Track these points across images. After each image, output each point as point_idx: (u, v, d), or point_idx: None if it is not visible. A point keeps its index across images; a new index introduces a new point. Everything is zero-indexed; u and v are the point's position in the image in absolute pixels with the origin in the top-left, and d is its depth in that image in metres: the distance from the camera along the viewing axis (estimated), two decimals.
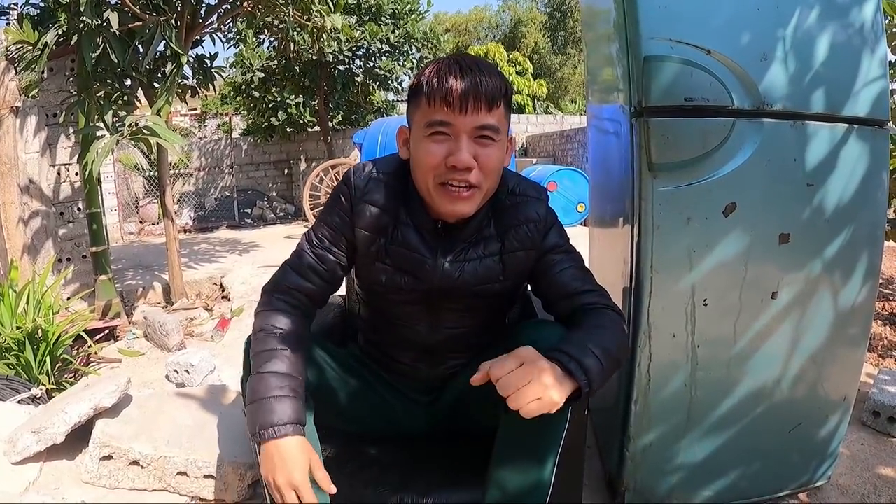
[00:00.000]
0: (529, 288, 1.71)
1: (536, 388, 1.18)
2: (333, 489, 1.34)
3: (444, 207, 1.43)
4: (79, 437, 2.37)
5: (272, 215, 12.97)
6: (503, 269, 1.55)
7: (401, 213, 1.53)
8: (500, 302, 1.67)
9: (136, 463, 2.23)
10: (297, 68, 11.73)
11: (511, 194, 1.55)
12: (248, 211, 13.04)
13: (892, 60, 3.41)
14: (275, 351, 1.43)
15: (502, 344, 1.40)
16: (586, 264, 1.60)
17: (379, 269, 1.56)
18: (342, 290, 1.92)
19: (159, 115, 4.45)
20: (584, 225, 9.68)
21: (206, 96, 6.42)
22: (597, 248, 2.49)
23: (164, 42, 4.39)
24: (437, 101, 1.35)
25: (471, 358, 1.67)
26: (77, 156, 4.65)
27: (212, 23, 5.39)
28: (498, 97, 1.38)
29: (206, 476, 2.19)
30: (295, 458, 1.32)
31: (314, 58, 11.03)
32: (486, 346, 1.64)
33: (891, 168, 3.20)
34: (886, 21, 3.41)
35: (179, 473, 2.21)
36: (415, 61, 12.38)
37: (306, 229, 1.64)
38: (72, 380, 3.43)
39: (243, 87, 12.13)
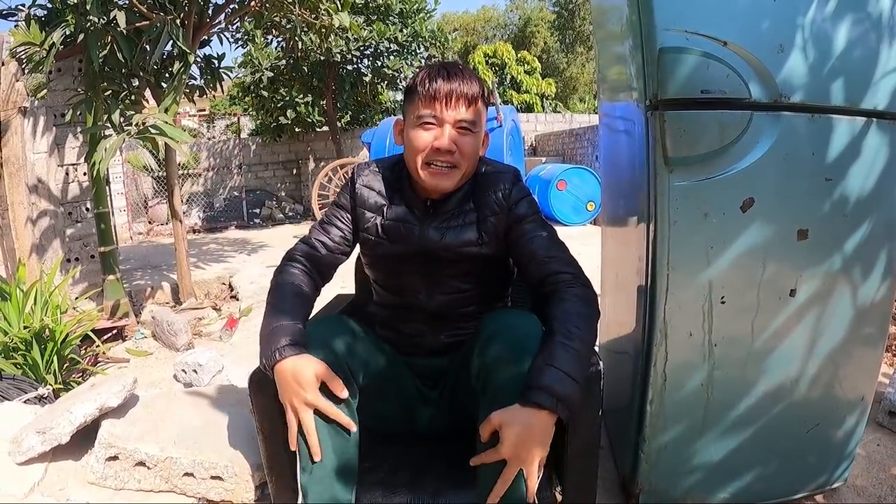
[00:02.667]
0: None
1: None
2: (345, 393, 1.50)
3: (430, 182, 1.71)
4: (84, 437, 2.35)
5: (281, 215, 13.00)
6: (479, 233, 1.76)
7: (394, 197, 1.83)
8: (487, 268, 1.84)
9: (142, 464, 2.21)
10: (305, 68, 11.74)
11: (484, 175, 1.81)
12: (257, 211, 13.07)
13: None
14: (281, 301, 1.68)
15: (476, 335, 1.61)
16: (598, 263, 1.69)
17: (374, 242, 1.83)
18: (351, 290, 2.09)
19: (166, 114, 4.43)
20: (595, 224, 9.67)
21: (214, 97, 6.41)
22: (610, 247, 2.45)
23: (171, 41, 4.38)
24: (427, 99, 1.66)
25: (466, 331, 1.83)
26: (85, 156, 4.64)
27: (219, 22, 5.39)
28: (475, 98, 1.69)
29: (213, 477, 2.17)
30: (301, 375, 1.46)
31: (322, 58, 11.02)
32: (479, 314, 1.81)
33: None
34: None
35: (186, 474, 2.19)
36: (423, 60, 12.38)
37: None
38: (79, 379, 3.42)
39: (252, 86, 12.15)
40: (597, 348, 1.66)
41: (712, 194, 1.73)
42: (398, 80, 12.37)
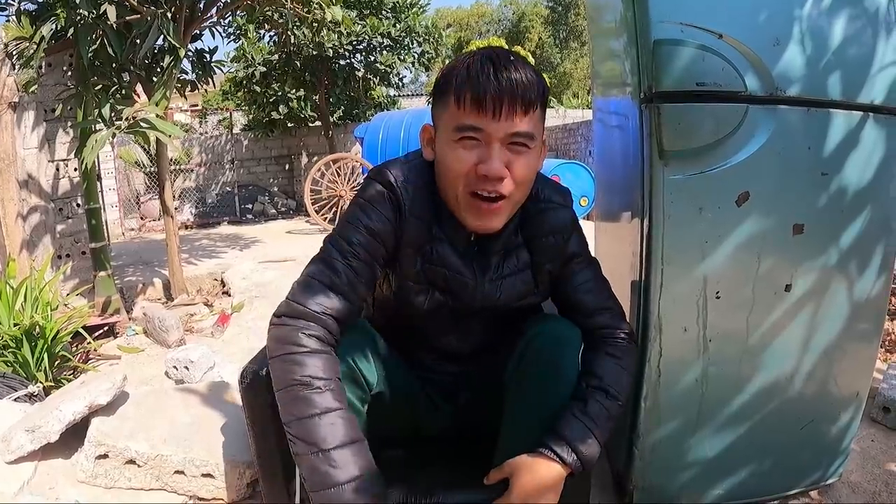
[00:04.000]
0: None
1: None
2: None
3: (471, 222, 1.35)
4: (74, 435, 2.33)
5: (273, 210, 12.97)
6: (536, 284, 1.51)
7: (433, 228, 1.42)
8: (531, 312, 1.59)
9: (132, 462, 2.20)
10: (297, 63, 11.70)
11: (536, 200, 1.46)
12: (250, 206, 13.04)
13: None
14: (330, 415, 1.22)
15: (514, 340, 1.45)
16: None
17: (411, 289, 1.46)
18: None
19: (157, 108, 4.41)
20: (588, 219, 9.66)
21: (206, 91, 6.39)
22: (603, 243, 2.44)
23: (161, 36, 4.35)
24: (467, 104, 1.26)
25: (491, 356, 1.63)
26: (75, 151, 4.62)
27: (211, 16, 5.35)
28: (535, 100, 1.28)
29: (203, 475, 2.16)
30: None
31: (314, 52, 11.00)
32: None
33: None
34: None
35: (177, 472, 2.18)
36: (416, 56, 12.35)
37: (328, 234, 1.43)
38: (71, 377, 3.41)
39: (244, 81, 12.10)
40: None
41: (707, 188, 1.72)
42: (390, 76, 12.34)
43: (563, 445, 1.29)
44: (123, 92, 4.85)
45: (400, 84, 12.96)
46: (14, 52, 4.32)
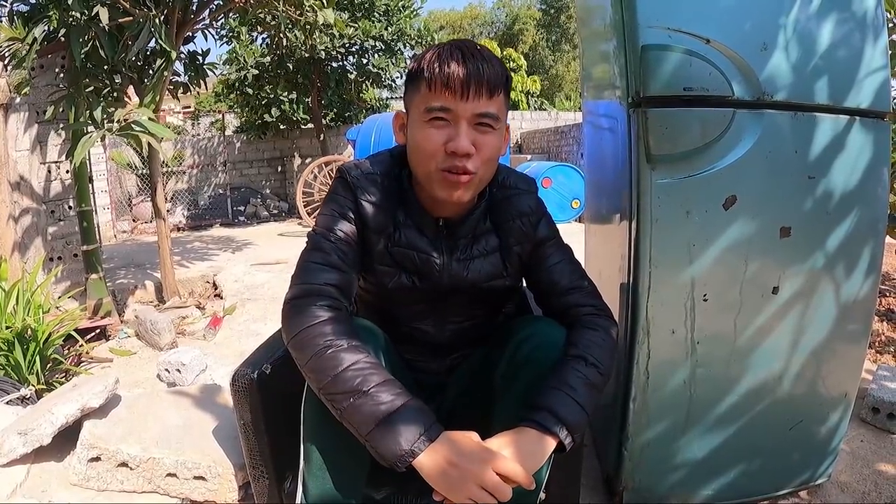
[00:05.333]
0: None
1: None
2: None
3: (442, 193, 1.41)
4: (67, 438, 2.34)
5: (266, 213, 12.96)
6: (506, 266, 1.56)
7: (398, 214, 1.51)
8: (504, 296, 1.67)
9: (124, 464, 2.20)
10: (290, 65, 11.70)
11: (502, 187, 1.55)
12: (242, 209, 13.02)
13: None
14: (358, 364, 1.25)
15: (503, 341, 1.48)
16: (582, 261, 1.61)
17: (382, 272, 1.53)
18: None
19: (148, 110, 4.40)
20: (579, 221, 9.68)
21: (198, 94, 6.38)
22: (593, 245, 2.46)
23: (153, 38, 4.35)
24: (437, 87, 1.35)
25: (473, 350, 1.68)
26: (66, 153, 4.61)
27: (203, 18, 5.35)
28: (499, 85, 1.38)
29: (196, 477, 2.16)
30: (462, 460, 1.19)
31: (306, 55, 11.00)
32: (486, 336, 1.66)
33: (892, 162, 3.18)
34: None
35: (169, 475, 2.17)
36: (408, 59, 12.36)
37: (310, 229, 1.52)
38: (62, 380, 3.40)
39: (237, 84, 12.09)
40: None
41: (694, 192, 1.74)
42: (383, 79, 12.35)
43: (542, 413, 1.29)
44: (115, 94, 4.85)
45: (392, 86, 12.96)
46: (6, 54, 4.32)
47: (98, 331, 4.50)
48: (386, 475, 1.57)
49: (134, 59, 4.54)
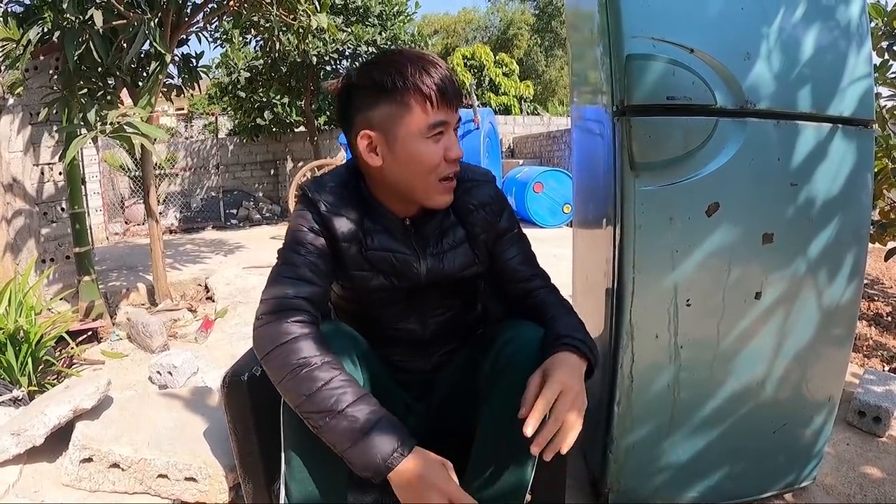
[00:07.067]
0: None
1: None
2: None
3: (440, 201, 1.47)
4: (59, 439, 2.35)
5: (258, 216, 12.92)
6: (476, 254, 1.61)
7: (364, 221, 1.52)
8: (477, 283, 1.73)
9: (116, 465, 2.21)
10: (283, 69, 11.69)
11: (461, 181, 1.55)
12: (234, 211, 12.98)
13: (876, 64, 3.41)
14: (332, 383, 1.27)
15: (487, 345, 1.52)
16: (570, 266, 1.65)
17: (360, 277, 1.54)
18: None
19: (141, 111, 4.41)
20: (570, 226, 9.70)
21: (192, 96, 6.38)
22: (580, 250, 2.47)
23: (147, 41, 4.36)
24: (437, 103, 1.37)
25: (457, 345, 1.72)
26: (59, 154, 4.61)
27: (197, 21, 5.36)
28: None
29: (187, 478, 2.17)
30: (429, 473, 1.25)
31: (299, 60, 10.99)
32: (469, 328, 1.76)
33: (875, 169, 3.21)
34: (873, 25, 3.42)
35: (160, 476, 2.19)
36: None
37: (280, 248, 1.52)
38: (54, 381, 3.39)
39: (230, 87, 12.07)
40: None
41: (677, 199, 1.77)
42: None
43: (567, 338, 1.40)
44: (109, 97, 4.85)
45: None
46: (0, 54, 4.33)
47: (90, 333, 4.49)
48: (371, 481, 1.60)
49: (128, 61, 4.54)
